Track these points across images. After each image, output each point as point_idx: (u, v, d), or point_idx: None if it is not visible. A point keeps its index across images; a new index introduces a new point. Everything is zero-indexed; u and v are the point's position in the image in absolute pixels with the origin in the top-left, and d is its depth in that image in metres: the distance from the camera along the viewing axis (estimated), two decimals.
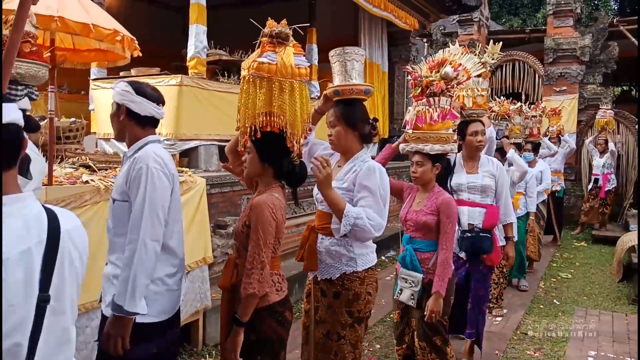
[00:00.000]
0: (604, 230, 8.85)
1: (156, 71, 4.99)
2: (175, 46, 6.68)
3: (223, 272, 2.24)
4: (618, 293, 5.76)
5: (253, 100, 2.06)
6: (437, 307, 2.73)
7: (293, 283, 4.89)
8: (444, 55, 3.04)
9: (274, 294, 2.11)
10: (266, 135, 2.07)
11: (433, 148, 2.84)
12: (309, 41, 6.79)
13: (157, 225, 2.01)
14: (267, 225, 2.02)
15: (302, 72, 2.14)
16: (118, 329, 1.96)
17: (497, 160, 3.76)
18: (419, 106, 2.88)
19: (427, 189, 2.92)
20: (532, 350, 4.09)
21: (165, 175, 2.07)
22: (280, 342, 2.15)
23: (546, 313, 5.02)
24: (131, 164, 2.07)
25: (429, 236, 2.85)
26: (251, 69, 2.07)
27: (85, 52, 3.63)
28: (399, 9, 7.75)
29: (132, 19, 5.65)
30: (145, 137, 2.17)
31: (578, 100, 10.31)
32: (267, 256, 2.02)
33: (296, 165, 2.17)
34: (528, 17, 19.13)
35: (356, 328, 2.43)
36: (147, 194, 2.00)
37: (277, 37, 2.09)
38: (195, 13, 4.93)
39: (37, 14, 2.86)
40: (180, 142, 4.61)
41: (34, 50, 2.32)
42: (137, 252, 1.96)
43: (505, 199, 3.61)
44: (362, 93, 2.48)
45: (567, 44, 10.37)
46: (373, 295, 2.49)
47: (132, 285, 1.94)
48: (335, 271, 2.44)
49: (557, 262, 7.22)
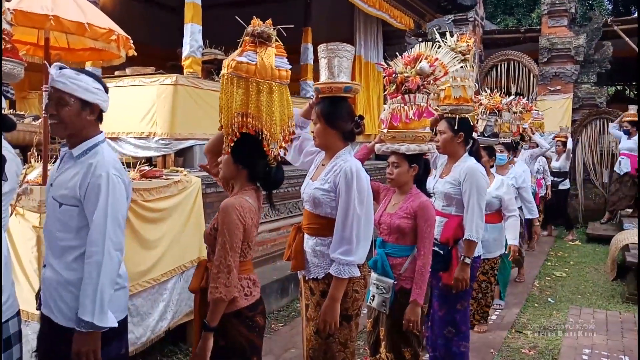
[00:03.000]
0: (598, 229, 8.91)
1: (151, 70, 4.97)
2: (171, 45, 6.66)
3: (194, 275, 2.19)
4: (612, 291, 5.79)
5: (230, 100, 2.02)
6: (415, 317, 2.58)
7: (289, 282, 4.91)
8: (419, 50, 2.86)
9: (243, 299, 2.06)
10: (241, 137, 2.03)
11: (409, 148, 2.68)
12: (304, 40, 6.79)
13: (119, 234, 1.97)
14: (233, 229, 1.97)
15: (282, 74, 2.09)
16: (89, 345, 1.89)
17: (471, 163, 3.20)
18: (394, 104, 2.72)
19: (403, 191, 2.77)
20: (527, 348, 4.11)
21: (123, 183, 2.01)
22: (252, 348, 2.10)
23: (541, 311, 5.04)
24: (88, 170, 1.96)
25: (402, 241, 2.70)
26: (229, 68, 2.02)
27: (80, 51, 3.61)
28: (394, 8, 7.75)
29: (127, 18, 5.62)
30: (96, 135, 2.05)
31: (572, 99, 10.37)
32: (234, 260, 1.98)
33: (272, 169, 2.13)
34: (523, 16, 19.16)
35: (345, 326, 2.40)
36: (109, 204, 1.93)
37: (259, 36, 2.04)
38: (190, 12, 4.91)
39: (32, 12, 2.86)
40: (176, 142, 4.60)
41: (8, 47, 2.28)
42: (103, 265, 1.89)
43: (472, 210, 3.07)
44: (341, 91, 2.42)
45: (562, 44, 10.42)
46: (360, 292, 2.44)
47: (100, 299, 1.87)
48: (320, 271, 2.43)
49: (552, 261, 7.26)
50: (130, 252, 3.24)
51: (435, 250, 3.01)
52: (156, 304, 3.46)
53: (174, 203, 3.58)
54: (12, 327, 1.96)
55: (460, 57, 3.18)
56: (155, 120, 4.57)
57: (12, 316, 1.97)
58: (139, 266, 3.29)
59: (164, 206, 3.50)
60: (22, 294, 2.18)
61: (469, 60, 3.27)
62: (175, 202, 3.60)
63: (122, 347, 2.10)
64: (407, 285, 2.66)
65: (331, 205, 2.38)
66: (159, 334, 3.46)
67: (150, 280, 3.37)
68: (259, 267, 5.08)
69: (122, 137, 4.73)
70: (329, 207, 2.39)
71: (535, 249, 7.82)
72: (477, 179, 3.12)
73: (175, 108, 4.55)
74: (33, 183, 3.01)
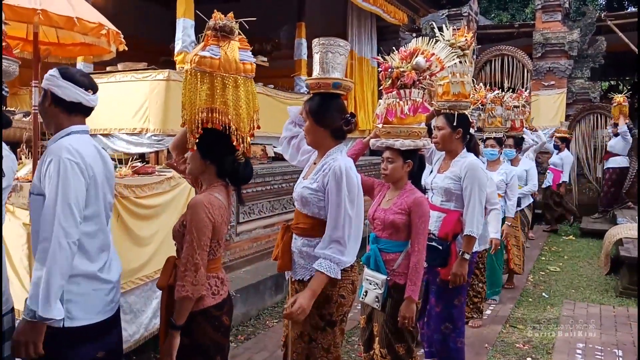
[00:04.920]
0: (591, 223, 8.96)
1: (143, 66, 4.93)
2: (163, 41, 6.62)
3: (162, 272, 2.14)
4: (606, 285, 5.82)
5: (195, 96, 1.99)
6: (410, 313, 2.57)
7: (283, 279, 4.88)
8: (416, 45, 2.82)
9: (210, 298, 2.03)
10: (208, 132, 2.01)
11: (404, 143, 2.65)
12: (298, 36, 6.76)
13: (71, 221, 1.85)
14: (201, 226, 1.94)
15: (247, 67, 2.05)
16: (29, 335, 1.81)
17: (472, 159, 3.25)
18: (389, 99, 2.68)
19: (398, 187, 2.75)
20: (521, 343, 4.11)
21: (79, 169, 1.91)
22: (216, 347, 2.06)
23: (535, 306, 5.05)
24: (44, 156, 1.93)
25: (396, 236, 2.68)
26: (193, 63, 1.99)
27: (70, 46, 3.57)
28: (388, 3, 7.73)
29: (119, 12, 5.58)
30: (69, 126, 2.02)
31: (566, 94, 10.40)
32: (202, 258, 1.94)
33: (241, 164, 2.10)
34: (517, 12, 19.20)
35: (328, 332, 2.33)
36: (59, 189, 1.85)
37: (221, 30, 2.01)
38: (182, 7, 4.87)
39: (19, 6, 2.82)
40: (168, 138, 4.56)
41: (3, 45, 2.26)
42: (50, 251, 1.81)
43: (473, 206, 3.10)
44: (329, 87, 2.35)
45: (556, 39, 10.43)
46: (347, 298, 2.36)
47: (46, 288, 1.79)
48: (306, 272, 2.36)
49: (546, 256, 7.28)
50: (123, 249, 3.21)
51: (433, 245, 3.04)
52: (149, 301, 3.44)
53: (166, 199, 3.56)
54: (6, 323, 1.95)
55: (459, 52, 3.16)
56: (147, 116, 4.54)
57: (7, 312, 1.96)
58: (132, 263, 3.26)
59: (157, 203, 3.48)
60: (13, 292, 2.15)
61: (468, 55, 3.25)
62: (168, 198, 3.57)
63: (97, 350, 2.01)
64: (400, 281, 2.64)
65: (319, 205, 2.32)
66: (152, 331, 3.44)
67: (143, 278, 3.34)
68: (253, 264, 5.07)
69: (114, 133, 4.69)
70: (317, 207, 2.32)
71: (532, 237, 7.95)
72: (478, 175, 3.14)
73: (168, 104, 4.52)
74: (23, 180, 2.98)
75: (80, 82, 2.02)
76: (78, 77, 2.03)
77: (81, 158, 1.93)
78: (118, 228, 3.15)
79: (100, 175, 2.02)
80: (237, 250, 4.91)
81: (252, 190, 5.02)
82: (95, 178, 1.99)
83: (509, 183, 4.88)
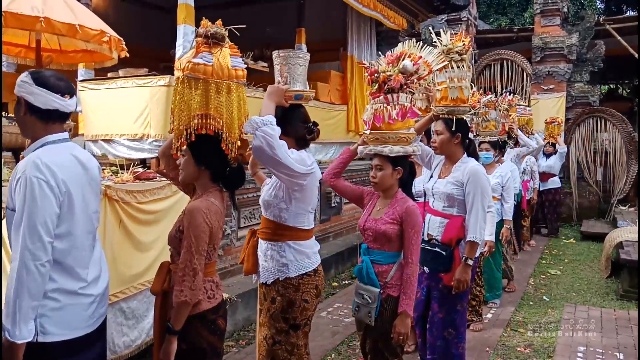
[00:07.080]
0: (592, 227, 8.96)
1: (144, 72, 4.95)
2: (164, 47, 6.64)
3: (155, 277, 2.14)
4: (606, 289, 5.82)
5: (188, 102, 2.02)
6: (405, 329, 2.45)
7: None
8: (402, 48, 2.76)
9: (206, 301, 2.05)
10: (202, 138, 2.03)
11: (393, 149, 2.55)
12: (297, 41, 6.78)
13: (37, 244, 1.73)
14: (199, 232, 1.96)
15: (239, 73, 2.10)
16: (7, 353, 1.74)
17: (474, 164, 3.20)
18: (377, 104, 2.60)
19: (388, 196, 2.64)
20: (522, 346, 4.12)
21: (48, 187, 1.76)
22: (213, 351, 2.08)
23: (536, 309, 5.05)
24: (15, 171, 1.81)
25: (388, 247, 2.56)
26: (186, 70, 2.02)
27: (72, 53, 3.60)
28: (387, 8, 7.76)
29: (119, 19, 5.61)
30: (45, 136, 1.89)
31: (566, 98, 10.44)
32: (200, 263, 1.96)
33: (233, 169, 2.14)
34: (516, 16, 19.26)
35: (291, 335, 2.40)
36: (25, 210, 1.73)
37: (212, 37, 2.05)
38: (183, 13, 4.89)
39: (22, 14, 2.84)
40: None
41: None
42: (18, 275, 1.71)
43: (476, 212, 3.06)
44: (291, 99, 2.42)
45: (555, 43, 10.48)
46: (311, 302, 2.40)
47: (14, 310, 1.71)
48: (270, 276, 2.43)
49: (547, 259, 7.29)
50: (125, 255, 3.23)
51: (437, 251, 3.02)
52: (151, 307, 3.43)
53: (168, 205, 3.57)
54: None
55: (457, 57, 3.16)
56: (148, 122, 4.55)
57: None
58: (134, 268, 3.27)
59: (158, 208, 3.49)
60: None
61: (466, 60, 3.23)
62: (169, 204, 3.59)
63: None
64: (394, 293, 2.54)
65: (279, 207, 2.40)
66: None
67: (145, 283, 3.35)
68: None
69: (115, 138, 4.71)
70: (278, 209, 2.41)
71: (529, 247, 7.88)
72: (481, 180, 3.11)
73: (169, 110, 4.52)
74: None
75: (55, 86, 1.88)
76: (52, 82, 1.89)
77: (52, 174, 1.78)
78: (120, 233, 3.17)
79: (76, 188, 1.88)
80: (238, 255, 4.91)
81: (253, 195, 5.03)
82: (69, 194, 1.84)
83: (504, 185, 4.89)
